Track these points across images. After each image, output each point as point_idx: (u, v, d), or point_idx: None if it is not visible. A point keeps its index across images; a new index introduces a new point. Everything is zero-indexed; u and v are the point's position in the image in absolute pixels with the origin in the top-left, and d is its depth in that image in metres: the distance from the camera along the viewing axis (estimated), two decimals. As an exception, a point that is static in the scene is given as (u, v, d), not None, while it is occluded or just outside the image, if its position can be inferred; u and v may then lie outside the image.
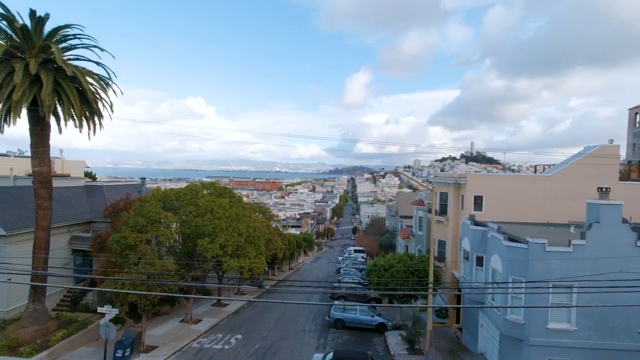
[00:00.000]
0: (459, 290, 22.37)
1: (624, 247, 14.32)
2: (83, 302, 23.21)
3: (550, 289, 14.63)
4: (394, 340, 22.27)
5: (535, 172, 31.49)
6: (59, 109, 18.47)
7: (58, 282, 22.59)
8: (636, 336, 14.38)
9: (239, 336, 22.20)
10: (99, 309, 16.41)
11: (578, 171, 23.29)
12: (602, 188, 15.40)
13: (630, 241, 14.35)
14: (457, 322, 25.50)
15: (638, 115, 38.12)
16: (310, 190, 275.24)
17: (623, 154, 37.95)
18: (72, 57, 18.71)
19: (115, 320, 19.46)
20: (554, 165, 27.09)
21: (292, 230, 72.09)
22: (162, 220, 20.83)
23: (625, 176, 32.59)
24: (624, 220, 14.71)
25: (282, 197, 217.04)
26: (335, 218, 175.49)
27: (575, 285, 14.22)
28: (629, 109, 39.48)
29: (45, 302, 19.28)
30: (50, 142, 18.52)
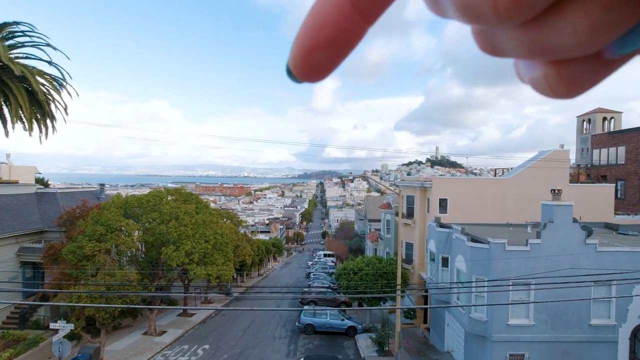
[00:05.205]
0: (426, 291, 22.96)
1: (574, 245, 15.33)
2: (33, 318, 21.52)
3: (510, 286, 15.35)
4: (364, 343, 22.44)
5: (495, 176, 33.12)
6: (5, 110, 17.17)
7: (4, 297, 20.82)
8: (587, 328, 15.38)
9: (207, 346, 21.48)
10: (52, 325, 15.34)
11: (533, 174, 24.71)
12: (554, 190, 16.42)
13: (580, 239, 15.38)
14: (425, 322, 26.14)
15: (585, 122, 41.18)
16: (279, 195, 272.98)
17: (573, 158, 40.69)
18: (21, 55, 17.50)
19: (71, 337, 18.16)
20: (512, 168, 28.60)
21: (261, 236, 71.10)
22: (123, 228, 19.84)
23: (575, 179, 35.02)
24: (575, 220, 15.76)
25: (251, 203, 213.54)
26: (305, 223, 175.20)
27: (532, 282, 15.02)
28: (577, 117, 42.53)
29: (-11, 320, 17.72)
30: (-4, 146, 17.21)
